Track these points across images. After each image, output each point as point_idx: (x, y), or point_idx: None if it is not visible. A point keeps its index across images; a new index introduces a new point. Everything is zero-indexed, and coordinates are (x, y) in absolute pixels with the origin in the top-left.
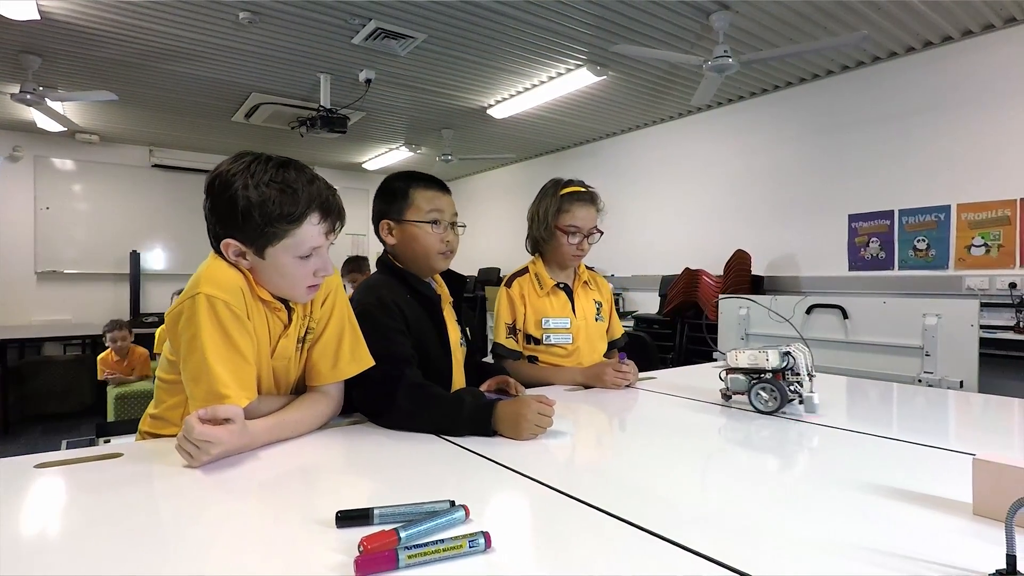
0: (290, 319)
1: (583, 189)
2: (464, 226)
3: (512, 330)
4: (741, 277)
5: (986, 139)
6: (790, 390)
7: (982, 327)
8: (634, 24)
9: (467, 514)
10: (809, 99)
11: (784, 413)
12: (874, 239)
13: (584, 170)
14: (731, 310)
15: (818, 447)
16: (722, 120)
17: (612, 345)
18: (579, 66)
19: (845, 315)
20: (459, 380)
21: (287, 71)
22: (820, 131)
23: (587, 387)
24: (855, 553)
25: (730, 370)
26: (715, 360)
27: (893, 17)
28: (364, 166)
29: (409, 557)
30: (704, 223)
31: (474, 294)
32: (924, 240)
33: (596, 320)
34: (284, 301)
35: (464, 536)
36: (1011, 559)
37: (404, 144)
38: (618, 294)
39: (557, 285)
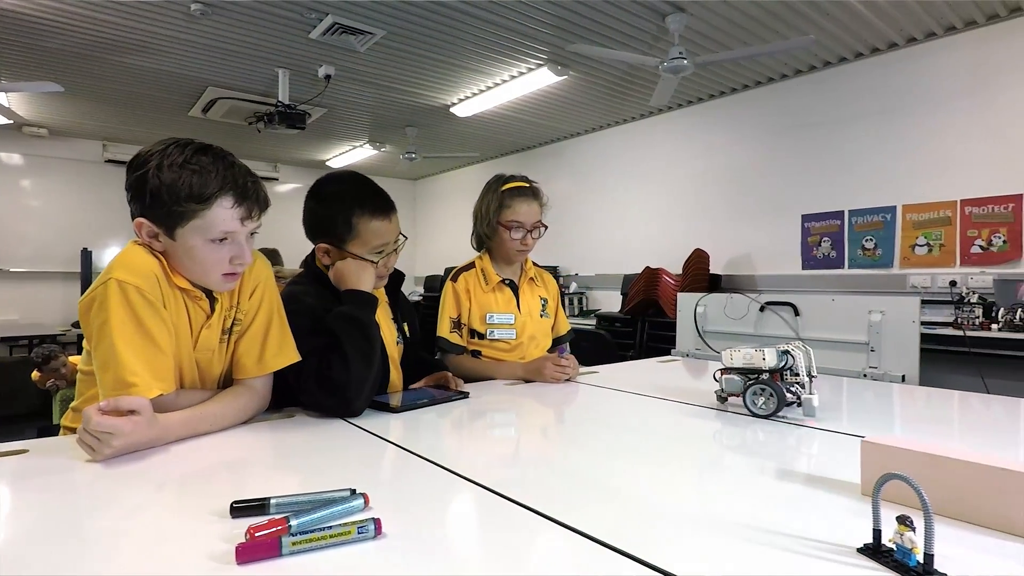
0: (213, 309)
1: (525, 184)
2: (406, 238)
3: (456, 324)
4: (699, 276)
5: (928, 143)
6: (789, 392)
7: (923, 323)
8: (592, 24)
9: (367, 502)
10: (764, 102)
11: (781, 416)
12: (826, 239)
13: (549, 170)
14: (689, 308)
15: (743, 437)
16: (681, 122)
17: (557, 341)
18: (540, 65)
19: (796, 312)
20: (396, 379)
21: (243, 65)
22: (775, 133)
23: (528, 381)
24: (742, 532)
25: (724, 370)
26: (671, 355)
27: (841, 23)
28: (328, 163)
29: (293, 544)
30: (664, 223)
31: (439, 294)
32: (872, 240)
33: (541, 316)
34: (208, 292)
35: (354, 523)
36: (876, 533)
37: (368, 142)
38: (581, 293)
39: (503, 281)
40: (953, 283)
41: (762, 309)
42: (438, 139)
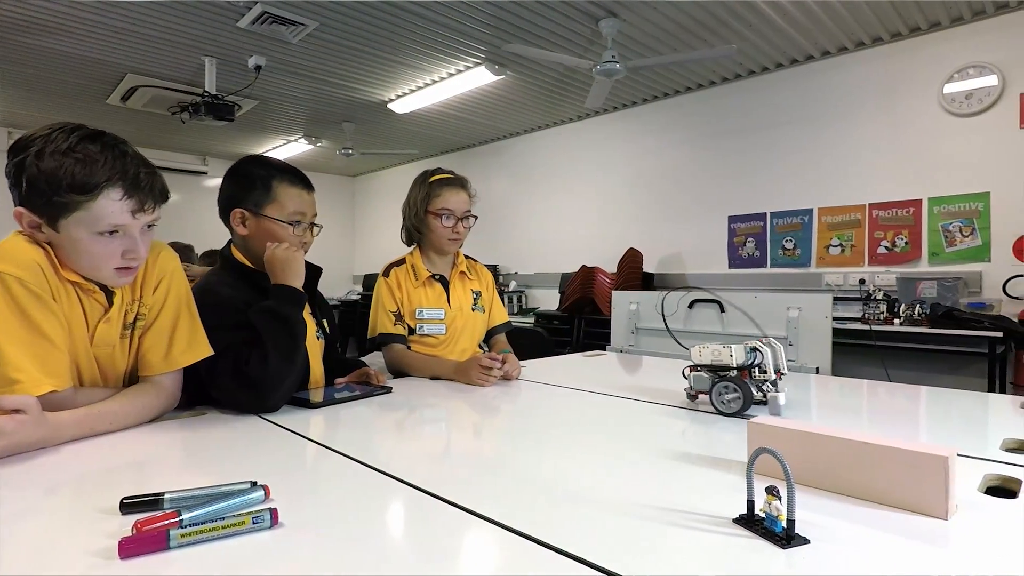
0: (111, 302)
1: (452, 175)
2: (321, 227)
3: (399, 316)
4: (633, 274)
5: (841, 149)
6: (759, 389)
7: (835, 319)
8: (528, 25)
9: (267, 494)
10: (693, 107)
11: (747, 415)
12: (750, 239)
13: (489, 169)
14: (622, 305)
15: (641, 421)
16: (616, 124)
17: (492, 332)
18: (477, 64)
19: (722, 309)
20: (318, 373)
21: (166, 52)
22: (703, 137)
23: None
24: (636, 510)
25: (693, 367)
26: (603, 351)
27: (762, 34)
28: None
29: (182, 536)
30: (601, 222)
31: None
32: (792, 240)
33: (473, 310)
34: (103, 285)
35: (248, 513)
36: (750, 504)
37: (303, 136)
38: (521, 291)
39: (433, 276)
40: (862, 281)
41: (691, 306)
42: (376, 135)
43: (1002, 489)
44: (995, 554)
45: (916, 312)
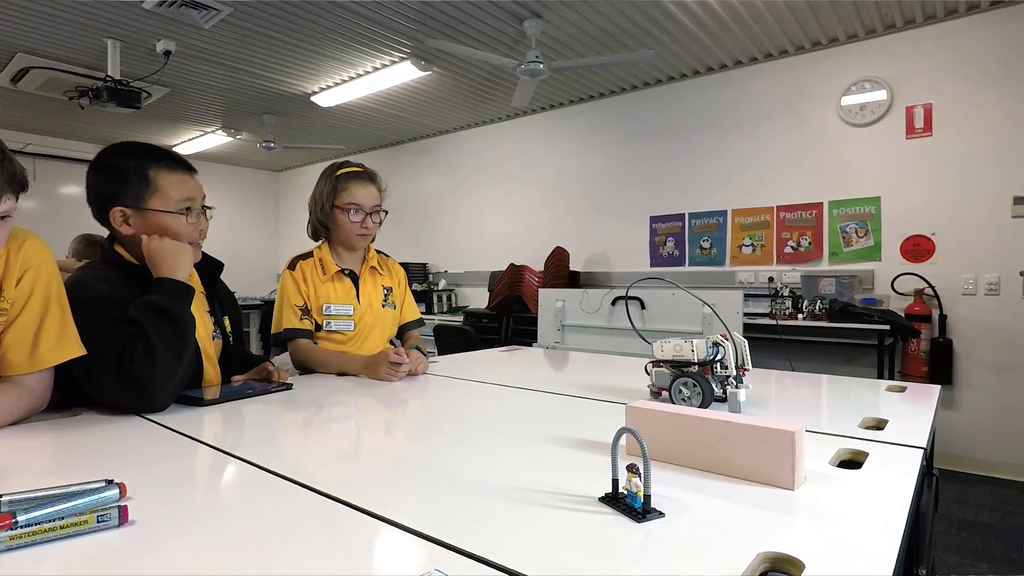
0: None
1: (361, 168)
2: (213, 208)
3: (305, 311)
4: (560, 272)
5: (753, 154)
6: (720, 385)
7: (746, 314)
8: (453, 22)
9: (123, 492)
10: (616, 110)
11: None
12: (670, 239)
13: (418, 166)
14: (549, 303)
15: (542, 412)
16: (542, 125)
17: (404, 328)
18: (403, 59)
19: (643, 306)
20: (212, 375)
21: (63, 32)
22: (627, 140)
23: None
24: (513, 494)
25: (655, 363)
26: (518, 347)
27: (679, 41)
28: (175, 150)
29: (11, 539)
30: (528, 221)
31: None
32: (708, 240)
33: (384, 306)
34: None
35: (93, 512)
36: (614, 483)
37: (221, 128)
38: (451, 289)
39: (342, 271)
40: (771, 279)
41: (614, 303)
42: (300, 129)
43: (852, 462)
44: (830, 518)
45: (817, 308)
